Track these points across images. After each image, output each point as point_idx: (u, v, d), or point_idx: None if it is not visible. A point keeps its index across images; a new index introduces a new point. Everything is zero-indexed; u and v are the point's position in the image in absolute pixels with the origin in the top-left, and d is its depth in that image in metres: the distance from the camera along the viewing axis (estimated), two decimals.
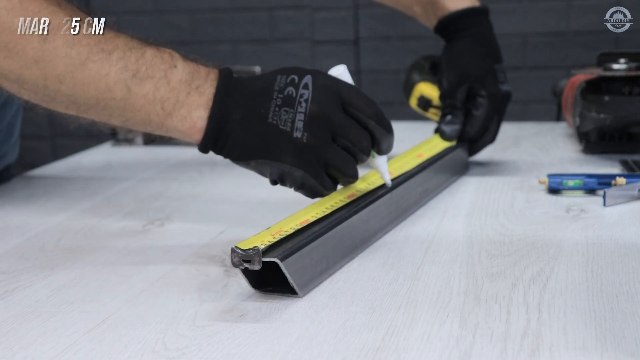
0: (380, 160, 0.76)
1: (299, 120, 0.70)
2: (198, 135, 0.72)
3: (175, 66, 0.72)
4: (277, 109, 0.70)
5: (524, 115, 2.66)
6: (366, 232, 0.74)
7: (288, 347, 0.53)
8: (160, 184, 1.02)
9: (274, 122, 0.70)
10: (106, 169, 1.14)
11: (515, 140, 1.25)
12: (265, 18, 2.83)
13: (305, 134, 0.70)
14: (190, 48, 3.10)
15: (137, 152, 1.23)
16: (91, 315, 0.60)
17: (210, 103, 0.71)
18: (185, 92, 0.71)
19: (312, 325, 0.57)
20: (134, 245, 0.77)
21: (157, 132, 0.74)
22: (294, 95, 0.71)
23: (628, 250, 0.71)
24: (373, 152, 0.75)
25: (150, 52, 0.72)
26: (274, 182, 0.74)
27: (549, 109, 1.92)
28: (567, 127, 1.32)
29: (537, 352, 0.52)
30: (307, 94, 0.71)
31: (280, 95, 0.71)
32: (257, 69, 1.47)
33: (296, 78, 0.71)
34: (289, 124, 0.70)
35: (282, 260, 0.60)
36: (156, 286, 0.66)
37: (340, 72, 0.74)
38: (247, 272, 0.62)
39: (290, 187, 0.73)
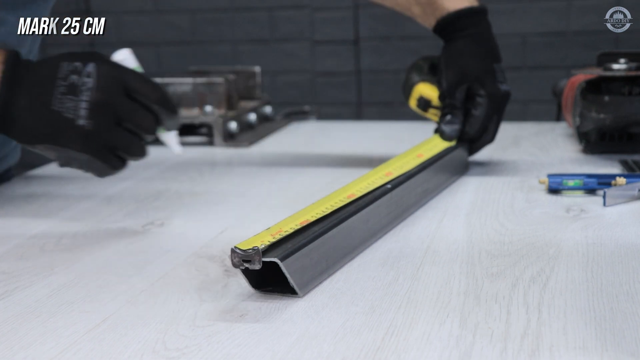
0: (167, 135, 0.80)
1: (83, 108, 0.73)
2: None
3: None
4: (60, 96, 0.73)
5: (524, 115, 2.66)
6: (366, 232, 0.73)
7: (288, 347, 0.53)
8: (160, 184, 1.02)
9: (58, 109, 0.73)
10: None
11: (515, 140, 1.25)
12: (265, 18, 2.83)
13: (89, 121, 0.73)
14: (190, 48, 3.11)
15: None
16: (91, 315, 0.60)
17: None
18: None
19: (312, 325, 0.57)
20: (134, 245, 0.77)
21: None
22: (77, 83, 0.73)
23: (628, 250, 0.71)
24: (162, 129, 0.79)
25: None
26: (61, 165, 0.77)
27: (549, 109, 1.92)
28: (567, 127, 1.32)
29: (537, 352, 0.52)
30: (90, 82, 0.73)
31: (64, 83, 0.73)
32: (257, 69, 1.47)
33: (79, 66, 0.74)
34: (72, 112, 0.73)
35: (282, 260, 0.60)
36: (156, 286, 0.66)
37: (124, 56, 0.78)
38: (247, 272, 0.62)
39: (79, 169, 0.77)
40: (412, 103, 1.13)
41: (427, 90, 1.06)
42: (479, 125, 0.99)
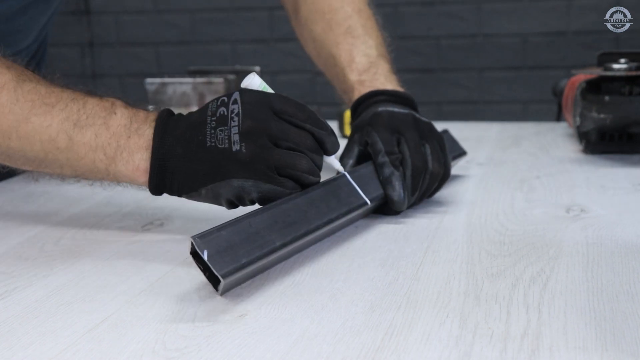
0: (329, 160, 0.76)
1: (234, 134, 0.70)
2: (144, 178, 0.73)
3: (115, 112, 0.74)
4: (213, 131, 0.71)
5: (524, 115, 2.67)
6: (306, 222, 0.71)
7: (288, 347, 0.53)
8: None
9: (213, 144, 0.70)
10: None
11: (515, 140, 1.25)
12: (265, 18, 2.83)
13: (243, 144, 0.70)
14: (190, 48, 3.11)
15: None
16: (90, 316, 0.60)
17: (150, 143, 0.72)
18: (125, 136, 0.73)
19: (312, 325, 0.57)
20: (134, 245, 0.77)
21: (107, 181, 0.76)
22: (226, 113, 0.71)
23: (628, 250, 0.71)
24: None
25: (91, 102, 0.74)
26: (230, 205, 0.73)
27: (549, 109, 1.92)
28: (567, 127, 1.32)
29: (537, 352, 0.51)
30: (237, 108, 0.71)
31: (214, 118, 0.71)
32: (257, 69, 1.47)
33: (225, 99, 0.72)
34: (227, 141, 0.70)
35: (199, 237, 0.60)
36: (156, 286, 0.66)
37: (252, 80, 0.75)
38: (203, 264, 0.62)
39: (251, 202, 0.73)
40: (347, 129, 1.23)
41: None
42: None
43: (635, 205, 0.86)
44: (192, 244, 0.61)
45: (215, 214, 0.87)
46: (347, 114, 1.26)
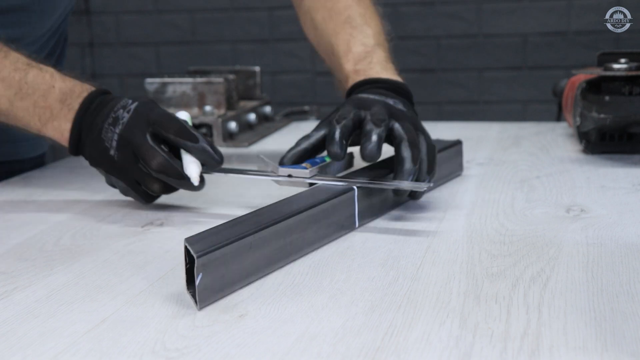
0: (189, 168, 0.83)
1: (114, 140, 0.83)
2: (66, 144, 0.87)
3: (53, 86, 0.86)
4: (107, 126, 0.84)
5: (525, 115, 2.67)
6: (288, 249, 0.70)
7: (288, 347, 0.53)
8: None
9: (103, 137, 0.84)
10: None
11: (515, 140, 1.25)
12: (265, 18, 2.83)
13: (117, 153, 0.83)
14: (190, 48, 3.11)
15: None
16: (90, 316, 0.60)
17: (73, 117, 0.85)
18: (58, 108, 0.86)
19: (312, 325, 0.57)
20: (134, 245, 0.77)
21: (38, 135, 0.89)
22: (120, 116, 0.83)
23: (628, 250, 0.71)
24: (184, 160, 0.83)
25: (32, 73, 0.87)
26: (110, 185, 0.88)
27: (549, 109, 1.92)
28: (567, 127, 1.32)
29: (537, 352, 0.51)
30: (126, 117, 0.83)
31: (113, 115, 0.84)
32: (257, 69, 1.47)
33: (129, 102, 0.85)
34: (109, 142, 0.83)
35: (188, 242, 0.61)
36: (156, 286, 0.66)
37: (180, 114, 0.87)
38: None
39: (121, 192, 0.87)
40: None
41: None
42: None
43: (635, 205, 0.86)
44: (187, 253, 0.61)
45: (214, 214, 0.87)
46: None
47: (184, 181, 0.83)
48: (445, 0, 2.66)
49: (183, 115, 0.87)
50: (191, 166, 0.83)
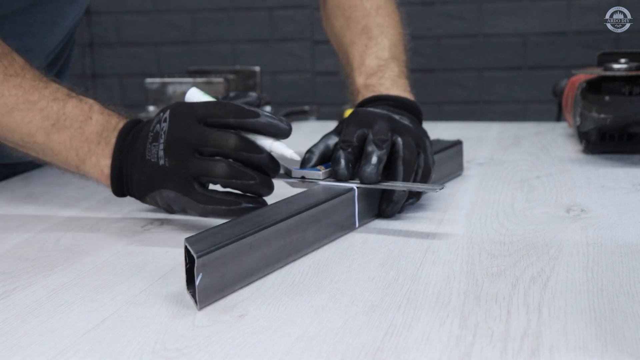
0: (275, 147, 0.76)
1: (161, 149, 0.76)
2: (107, 182, 0.81)
3: (91, 118, 0.81)
4: (149, 145, 0.77)
5: (525, 115, 2.67)
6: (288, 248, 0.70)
7: (288, 347, 0.53)
8: None
9: (149, 157, 0.77)
10: None
11: (515, 140, 1.25)
12: (265, 18, 2.83)
13: (166, 159, 0.75)
14: (190, 48, 3.11)
15: None
16: (90, 316, 0.60)
17: (112, 152, 0.80)
18: (96, 142, 0.81)
19: (312, 325, 0.57)
20: (134, 245, 0.77)
21: (77, 174, 0.84)
22: (159, 130, 0.77)
23: (628, 250, 0.71)
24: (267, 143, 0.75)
25: (71, 103, 0.81)
26: (167, 211, 0.81)
27: (549, 109, 1.92)
28: (567, 127, 1.32)
29: (537, 352, 0.51)
30: (165, 126, 0.76)
31: (152, 133, 0.77)
32: (257, 69, 1.47)
33: (162, 115, 0.78)
34: (156, 156, 0.76)
35: (188, 242, 0.60)
36: (156, 286, 0.66)
37: (192, 94, 0.80)
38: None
39: (177, 210, 0.79)
40: None
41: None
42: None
43: (635, 205, 0.86)
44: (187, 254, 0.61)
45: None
46: (347, 113, 1.26)
47: (265, 156, 0.75)
48: (445, 0, 2.66)
49: (194, 91, 0.80)
50: (276, 145, 0.75)
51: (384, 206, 0.82)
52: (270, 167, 0.76)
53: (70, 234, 0.82)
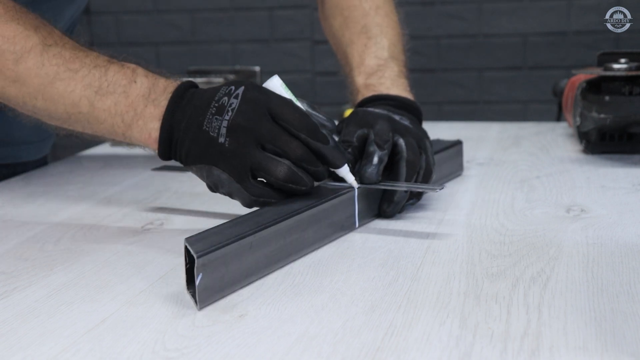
0: (341, 173, 0.76)
1: (224, 126, 0.73)
2: (154, 145, 0.77)
3: (134, 81, 0.78)
4: (210, 117, 0.73)
5: (525, 115, 2.67)
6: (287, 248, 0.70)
7: (288, 347, 0.53)
8: (160, 184, 1.02)
9: (207, 128, 0.73)
10: (106, 169, 1.14)
11: (515, 140, 1.25)
12: (265, 18, 2.83)
13: (228, 139, 0.72)
14: (190, 48, 3.10)
15: (137, 152, 1.23)
16: (90, 316, 0.60)
17: (162, 114, 0.76)
18: (142, 105, 0.77)
19: (312, 325, 0.57)
20: (134, 245, 0.77)
21: (124, 142, 0.80)
22: (225, 104, 0.73)
23: (628, 250, 0.71)
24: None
25: (113, 69, 0.78)
26: (210, 188, 0.77)
27: (549, 109, 1.92)
28: (567, 127, 1.32)
29: (537, 352, 0.51)
30: (235, 103, 0.73)
31: (216, 105, 0.74)
32: (257, 69, 1.47)
33: (232, 89, 0.74)
34: (217, 131, 0.73)
35: (188, 242, 0.61)
36: (156, 286, 0.66)
37: (274, 84, 0.76)
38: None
39: (223, 193, 0.75)
40: None
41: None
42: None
43: (635, 205, 0.86)
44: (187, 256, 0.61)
45: (214, 213, 0.87)
46: (347, 114, 1.27)
47: (322, 169, 0.74)
48: (445, 0, 2.66)
49: (277, 81, 0.77)
50: (346, 173, 0.76)
51: (384, 206, 0.82)
52: (303, 180, 0.74)
53: (70, 234, 0.82)
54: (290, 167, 0.72)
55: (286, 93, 0.76)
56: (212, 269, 0.61)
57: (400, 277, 0.66)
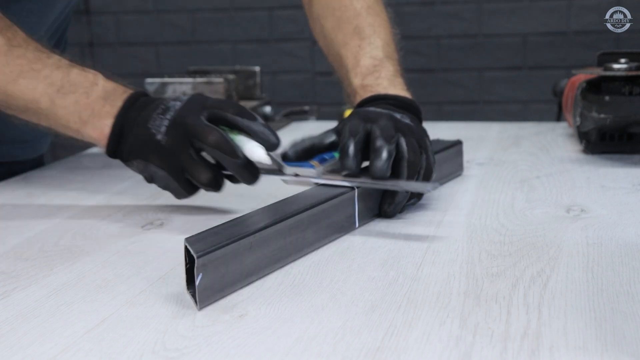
0: (248, 144, 0.79)
1: (164, 125, 0.79)
2: (104, 141, 0.83)
3: (96, 84, 0.84)
4: (155, 115, 0.80)
5: (525, 115, 2.67)
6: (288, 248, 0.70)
7: (288, 347, 0.53)
8: None
9: (149, 126, 0.80)
10: (106, 169, 1.14)
11: (515, 140, 1.25)
12: (265, 18, 2.83)
13: (166, 137, 0.79)
14: (190, 48, 3.11)
15: None
16: (90, 316, 0.60)
17: (116, 113, 0.82)
18: (100, 105, 0.83)
19: (312, 325, 0.57)
20: (134, 245, 0.77)
21: (76, 137, 0.86)
22: (171, 106, 0.81)
23: (628, 250, 0.71)
24: (243, 145, 0.79)
25: (75, 72, 0.84)
26: (147, 180, 0.84)
27: (549, 109, 1.92)
28: (567, 127, 1.32)
29: (537, 352, 0.51)
30: (178, 104, 0.81)
31: (162, 106, 0.81)
32: (257, 69, 1.47)
33: (182, 97, 0.82)
34: (157, 128, 0.80)
35: (188, 242, 0.61)
36: (156, 286, 0.66)
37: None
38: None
39: (159, 186, 0.83)
40: None
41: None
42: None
43: (635, 205, 0.86)
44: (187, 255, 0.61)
45: (215, 213, 0.88)
46: (347, 114, 1.27)
47: (237, 161, 0.79)
48: (445, 0, 2.66)
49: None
50: (256, 149, 0.79)
51: (385, 207, 0.82)
52: (240, 171, 0.80)
53: (70, 234, 0.82)
54: (210, 173, 0.80)
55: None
56: (212, 269, 0.61)
57: (400, 277, 0.66)
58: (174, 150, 0.79)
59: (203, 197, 0.93)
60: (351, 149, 0.80)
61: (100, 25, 2.97)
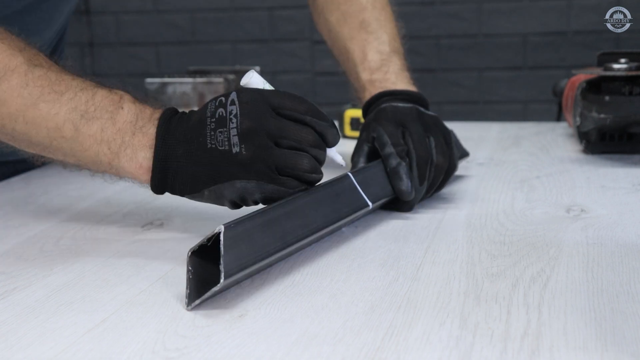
0: (330, 153, 0.76)
1: (234, 135, 0.70)
2: (146, 176, 0.73)
3: (122, 107, 0.74)
4: (212, 132, 0.70)
5: (525, 115, 2.67)
6: (308, 225, 0.70)
7: (288, 347, 0.53)
8: None
9: (213, 145, 0.70)
10: None
11: (515, 140, 1.25)
12: (265, 18, 2.83)
13: (243, 146, 0.69)
14: (190, 48, 3.10)
15: None
16: (90, 316, 0.60)
17: (153, 142, 0.72)
18: (130, 132, 0.73)
19: (312, 325, 0.57)
20: (134, 245, 0.77)
21: (110, 174, 0.76)
22: (224, 114, 0.70)
23: (628, 250, 0.71)
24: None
25: (100, 94, 0.74)
26: (233, 206, 0.74)
27: (549, 109, 1.92)
28: (567, 127, 1.32)
29: (537, 352, 0.51)
30: (235, 109, 0.70)
31: (213, 120, 0.71)
32: (257, 69, 1.47)
33: (223, 99, 0.72)
34: (226, 143, 0.70)
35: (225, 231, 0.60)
36: (156, 286, 0.66)
37: (255, 80, 0.75)
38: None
39: (254, 202, 0.73)
40: (347, 129, 1.26)
41: (356, 112, 1.25)
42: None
43: (635, 205, 0.86)
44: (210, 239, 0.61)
45: (215, 213, 0.87)
46: (347, 114, 1.27)
47: (324, 153, 0.74)
48: (445, 0, 2.66)
49: (257, 78, 0.75)
50: (333, 153, 0.76)
51: (400, 203, 0.84)
52: (320, 168, 0.74)
53: (70, 234, 0.82)
54: (310, 158, 0.71)
55: (268, 85, 0.76)
56: (237, 242, 0.61)
57: (400, 277, 0.66)
58: (258, 155, 0.70)
59: None
60: (401, 170, 0.83)
61: (100, 25, 2.97)
